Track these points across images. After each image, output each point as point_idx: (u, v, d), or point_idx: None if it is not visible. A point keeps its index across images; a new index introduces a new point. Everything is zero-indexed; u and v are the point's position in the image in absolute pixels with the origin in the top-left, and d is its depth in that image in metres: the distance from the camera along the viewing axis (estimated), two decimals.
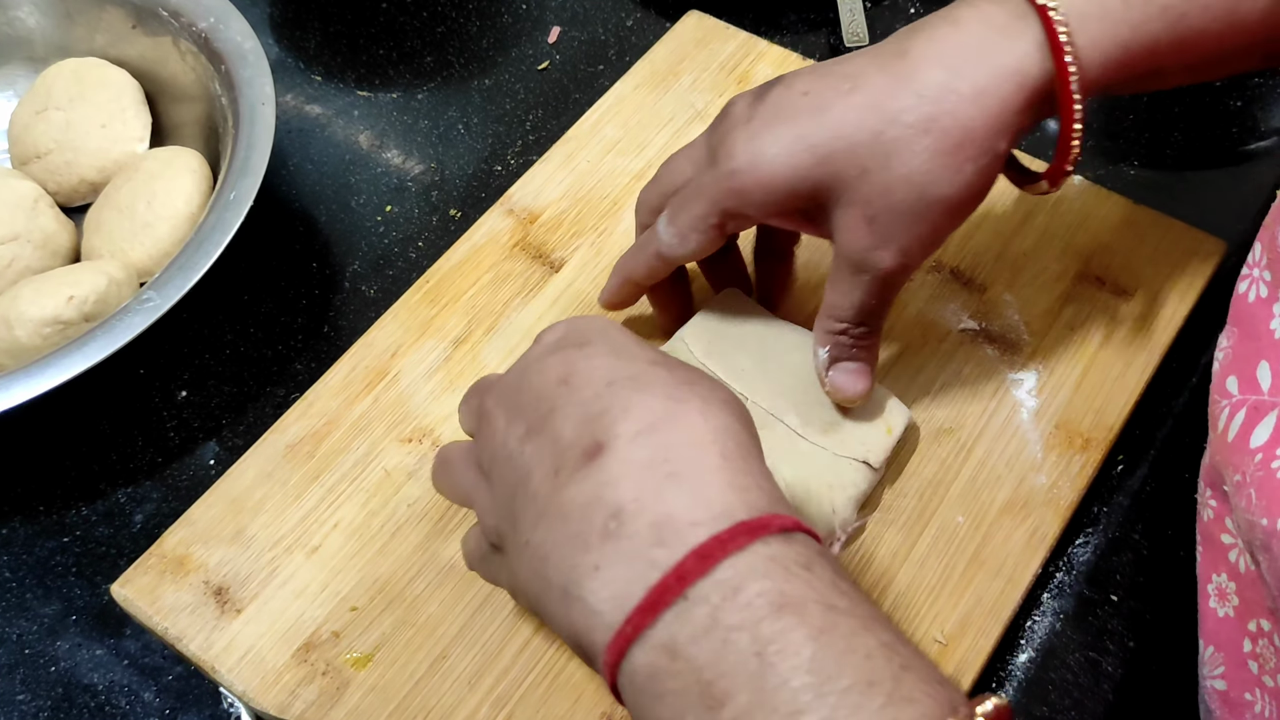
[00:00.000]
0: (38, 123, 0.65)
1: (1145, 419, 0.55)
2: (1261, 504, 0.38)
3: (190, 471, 0.57)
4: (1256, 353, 0.42)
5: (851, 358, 0.49)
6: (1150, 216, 0.60)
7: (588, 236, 0.60)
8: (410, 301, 0.58)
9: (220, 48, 0.63)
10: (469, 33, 0.74)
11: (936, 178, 0.44)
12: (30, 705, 0.51)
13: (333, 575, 0.50)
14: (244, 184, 0.58)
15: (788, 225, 0.49)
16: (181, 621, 0.49)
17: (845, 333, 0.48)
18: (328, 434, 0.54)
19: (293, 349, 0.61)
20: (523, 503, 0.37)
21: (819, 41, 0.71)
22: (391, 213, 0.66)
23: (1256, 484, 0.39)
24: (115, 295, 0.58)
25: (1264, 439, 0.40)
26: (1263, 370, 0.42)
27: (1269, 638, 0.42)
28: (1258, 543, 0.39)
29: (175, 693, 0.51)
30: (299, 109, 0.71)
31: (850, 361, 0.49)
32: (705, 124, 0.64)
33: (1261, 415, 0.40)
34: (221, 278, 0.57)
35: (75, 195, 0.65)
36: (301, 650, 0.48)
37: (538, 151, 0.65)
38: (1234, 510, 0.42)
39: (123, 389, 0.60)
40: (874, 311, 0.48)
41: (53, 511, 0.57)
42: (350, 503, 0.52)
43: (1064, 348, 0.55)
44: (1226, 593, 0.44)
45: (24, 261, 0.61)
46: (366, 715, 0.47)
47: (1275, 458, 0.39)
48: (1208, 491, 0.45)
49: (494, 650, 0.48)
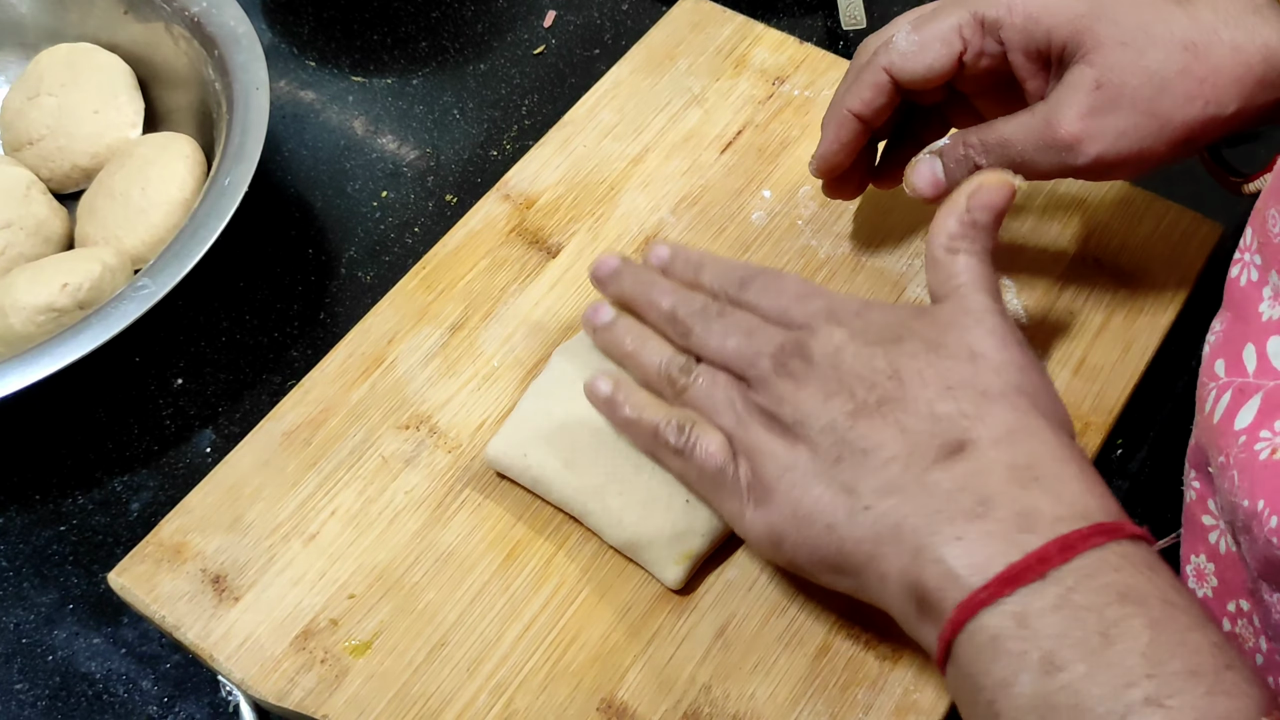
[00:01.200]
0: (30, 109, 0.64)
1: (1144, 402, 0.55)
2: (1244, 486, 0.39)
3: (186, 459, 0.57)
4: (1244, 335, 0.42)
5: (950, 171, 0.50)
6: (1147, 199, 0.59)
7: (585, 221, 0.60)
8: (407, 288, 0.58)
9: (213, 32, 0.63)
10: (464, 17, 0.74)
11: (1174, 91, 0.46)
12: (28, 694, 0.51)
13: (330, 563, 0.50)
14: (238, 170, 0.57)
15: (1018, 64, 0.50)
16: (179, 609, 0.49)
17: (974, 157, 0.49)
18: (324, 421, 0.54)
19: (289, 336, 0.61)
20: (855, 471, 0.42)
21: (816, 25, 0.71)
22: (387, 198, 0.66)
23: (1239, 466, 0.39)
24: (110, 282, 0.57)
25: (1247, 421, 0.40)
26: (1249, 353, 0.42)
27: (1248, 618, 0.42)
28: (1239, 524, 0.40)
29: (173, 681, 0.51)
30: (293, 95, 0.71)
31: (948, 172, 0.50)
32: (702, 108, 0.64)
33: (1246, 398, 0.41)
34: (216, 264, 0.56)
35: (68, 182, 0.65)
36: (300, 638, 0.48)
37: (534, 136, 0.65)
38: (1218, 492, 0.42)
39: (118, 377, 0.60)
40: (1020, 163, 0.48)
41: (49, 500, 0.56)
42: (347, 490, 0.52)
43: (1062, 330, 0.55)
44: (1205, 574, 0.45)
45: (17, 249, 0.60)
46: (365, 702, 0.46)
47: (1258, 440, 0.39)
48: (1192, 473, 0.45)
49: (493, 637, 0.48)
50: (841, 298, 0.47)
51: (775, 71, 0.65)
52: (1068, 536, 0.37)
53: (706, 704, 0.46)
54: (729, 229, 0.59)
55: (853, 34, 0.70)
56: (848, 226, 0.59)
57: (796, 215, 0.60)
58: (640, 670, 0.47)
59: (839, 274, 0.57)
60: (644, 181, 0.61)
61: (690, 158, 0.62)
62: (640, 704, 0.46)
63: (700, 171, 0.61)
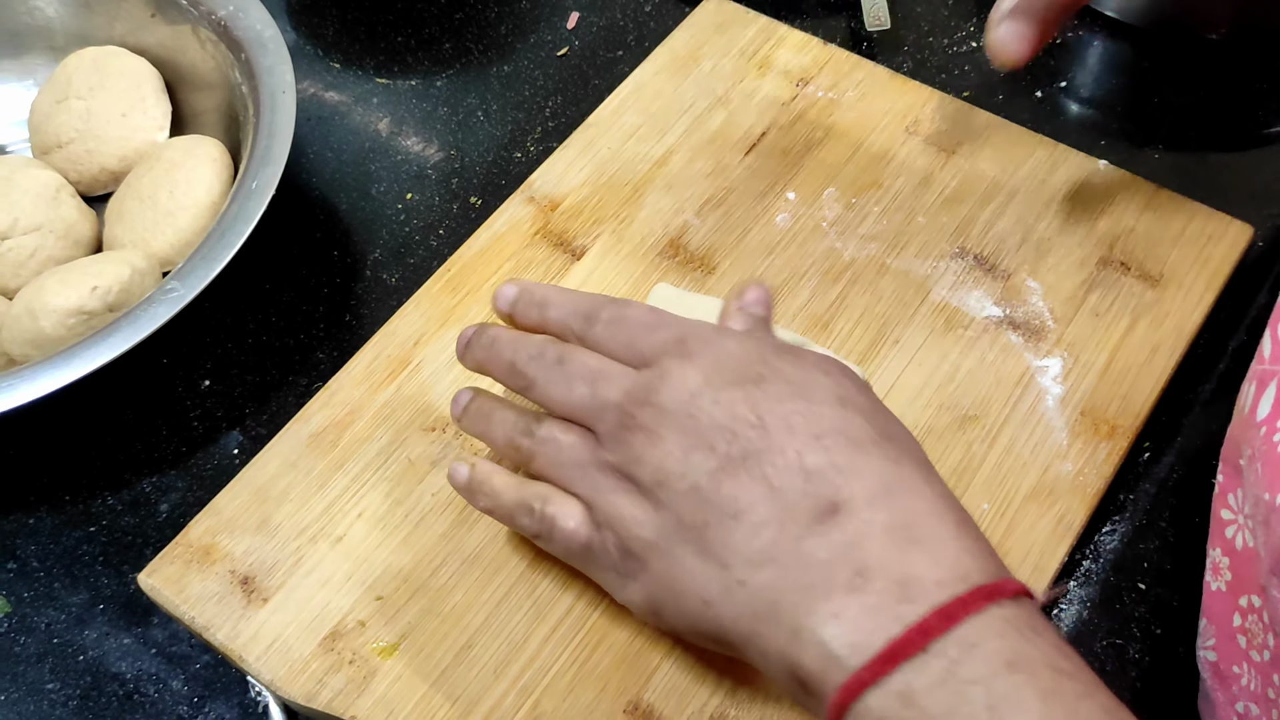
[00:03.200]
0: (58, 112, 0.65)
1: (1172, 406, 0.55)
2: (1266, 478, 0.38)
3: (214, 461, 0.57)
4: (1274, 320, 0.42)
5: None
6: (1174, 200, 0.59)
7: (609, 224, 0.60)
8: (432, 290, 0.58)
9: (240, 35, 0.63)
10: (487, 19, 0.74)
11: None
12: (59, 694, 0.52)
13: (358, 564, 0.50)
14: (265, 173, 0.58)
15: None
16: (208, 610, 0.49)
17: None
18: (351, 423, 0.54)
19: (315, 338, 0.61)
20: (725, 538, 0.39)
21: (839, 26, 0.71)
22: (412, 200, 0.66)
23: (1262, 458, 0.39)
24: (138, 285, 0.58)
25: (1266, 411, 0.39)
26: (1266, 338, 0.41)
27: (1258, 614, 0.42)
28: (1260, 517, 0.39)
29: (203, 681, 0.51)
30: (318, 97, 0.71)
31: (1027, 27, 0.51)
32: (726, 109, 0.64)
33: (1265, 386, 0.40)
34: (243, 267, 0.57)
35: (96, 184, 0.65)
36: (328, 639, 0.48)
37: (558, 138, 0.65)
38: (1245, 485, 0.41)
39: (146, 379, 0.60)
40: None
41: (79, 501, 0.57)
42: (374, 492, 0.52)
43: (1089, 334, 0.55)
44: (1220, 567, 0.44)
45: (47, 252, 0.61)
46: (393, 704, 0.47)
47: (1277, 430, 0.38)
48: (1221, 467, 0.45)
49: (519, 639, 0.48)
50: (693, 325, 0.44)
51: (799, 73, 0.65)
52: (948, 606, 0.35)
53: (733, 706, 0.46)
54: (753, 231, 0.59)
55: (876, 35, 0.70)
56: (872, 228, 0.59)
57: (821, 217, 0.60)
58: (667, 673, 0.47)
59: (863, 276, 0.57)
60: (668, 183, 0.61)
61: (714, 159, 0.62)
62: (667, 706, 0.46)
63: (724, 173, 0.61)
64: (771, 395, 0.40)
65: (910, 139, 0.62)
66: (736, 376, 0.41)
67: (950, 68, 0.69)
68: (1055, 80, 0.68)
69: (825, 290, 0.57)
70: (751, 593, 0.39)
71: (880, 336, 0.55)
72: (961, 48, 0.70)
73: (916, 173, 0.61)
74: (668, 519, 0.41)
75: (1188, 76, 0.67)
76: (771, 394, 0.40)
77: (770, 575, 0.38)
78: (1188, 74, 0.68)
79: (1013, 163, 0.61)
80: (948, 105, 0.63)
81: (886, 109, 0.63)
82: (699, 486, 0.40)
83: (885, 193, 0.60)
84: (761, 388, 0.41)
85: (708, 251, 0.59)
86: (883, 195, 0.60)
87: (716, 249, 0.59)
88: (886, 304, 0.56)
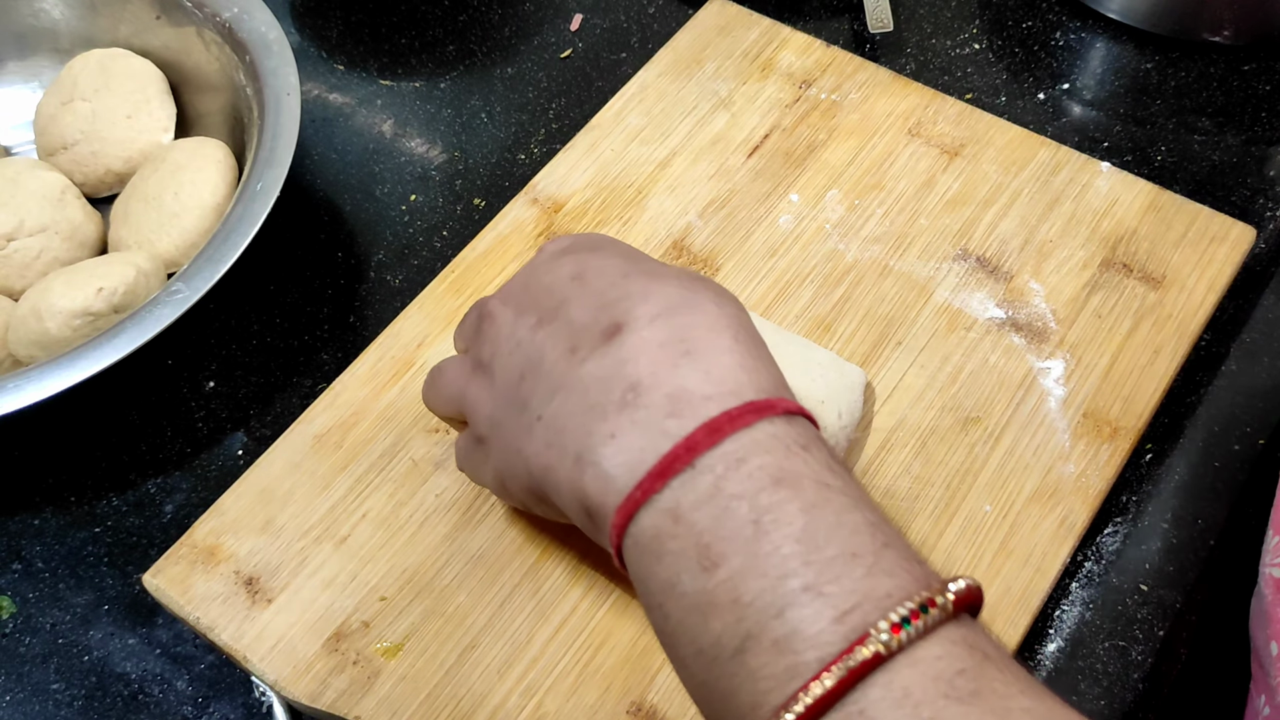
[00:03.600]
0: (64, 114, 0.65)
1: (1175, 407, 0.55)
2: None
3: (219, 462, 0.58)
4: None
5: None
6: (1177, 202, 0.59)
7: (612, 226, 0.60)
8: (436, 292, 0.58)
9: (244, 37, 0.63)
10: (491, 21, 0.74)
11: None
12: (64, 694, 0.52)
13: (362, 565, 0.50)
14: (270, 175, 0.58)
15: None
16: (213, 611, 0.49)
17: None
18: (355, 424, 0.54)
19: (319, 339, 0.61)
20: (533, 383, 0.39)
21: (842, 28, 0.71)
22: (415, 202, 0.66)
23: None
24: (144, 287, 0.58)
25: None
26: None
27: None
28: None
29: (207, 681, 0.52)
30: (322, 99, 0.71)
31: None
32: (729, 111, 0.64)
33: None
34: (247, 268, 0.57)
35: (101, 186, 0.66)
36: (332, 640, 0.49)
37: (561, 140, 0.65)
38: None
39: (151, 380, 0.60)
40: None
41: (84, 502, 0.57)
42: (378, 493, 0.52)
43: (1092, 335, 0.55)
44: None
45: (53, 253, 0.61)
46: (397, 704, 0.47)
47: None
48: None
49: (523, 640, 0.48)
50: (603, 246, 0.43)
51: (802, 75, 0.65)
52: (716, 419, 0.35)
53: None
54: (756, 233, 0.59)
55: (879, 37, 0.70)
56: (875, 230, 0.59)
57: (824, 219, 0.60)
58: (670, 673, 0.47)
59: (866, 278, 0.58)
60: (671, 185, 0.61)
61: (717, 161, 0.62)
62: (670, 707, 0.46)
63: (727, 175, 0.62)
64: (599, 255, 0.41)
65: (913, 141, 0.62)
66: (576, 246, 0.42)
67: (953, 70, 0.69)
68: (1058, 82, 0.68)
69: (828, 292, 0.57)
70: (545, 424, 0.38)
71: (883, 338, 0.56)
72: (964, 50, 0.70)
73: (919, 175, 0.61)
74: (499, 388, 0.41)
75: (1190, 79, 0.67)
76: (600, 254, 0.41)
77: (558, 403, 0.38)
78: (1190, 76, 0.68)
79: (1015, 165, 0.61)
80: (950, 107, 0.63)
81: (889, 111, 0.63)
82: (520, 343, 0.40)
83: (888, 194, 0.60)
84: (595, 252, 0.41)
85: (711, 253, 0.59)
86: (885, 197, 0.60)
87: (719, 251, 0.59)
88: (889, 306, 0.57)
